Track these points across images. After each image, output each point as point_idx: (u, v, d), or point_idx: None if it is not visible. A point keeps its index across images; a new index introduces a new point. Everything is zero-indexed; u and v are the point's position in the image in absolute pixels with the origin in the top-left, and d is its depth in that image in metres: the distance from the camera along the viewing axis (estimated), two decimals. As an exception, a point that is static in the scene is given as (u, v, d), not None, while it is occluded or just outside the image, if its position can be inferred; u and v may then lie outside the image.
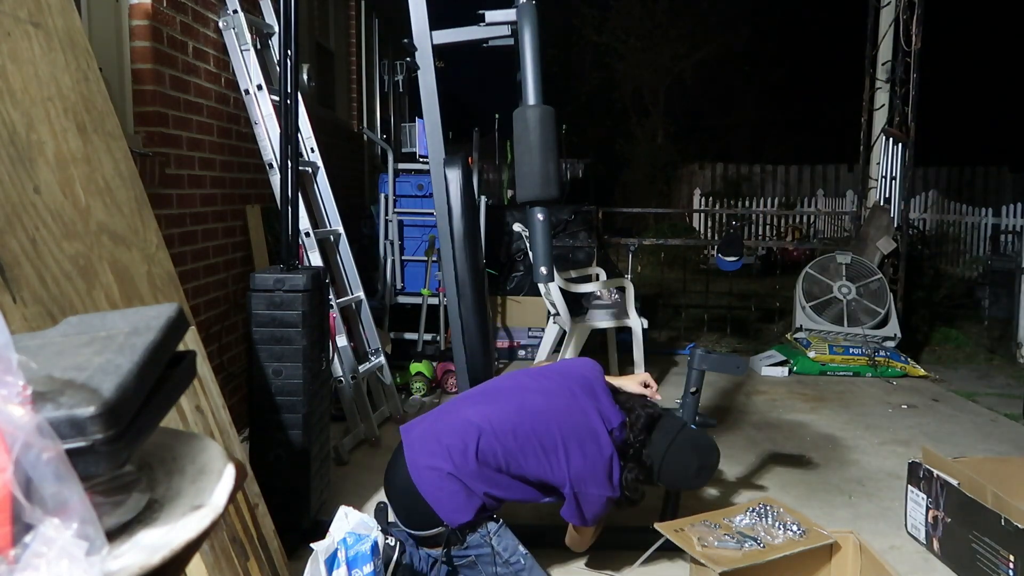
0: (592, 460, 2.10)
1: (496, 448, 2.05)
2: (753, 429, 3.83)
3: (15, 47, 1.66)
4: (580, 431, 2.12)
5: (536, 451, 2.07)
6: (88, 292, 1.67)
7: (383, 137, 6.33)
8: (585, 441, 2.11)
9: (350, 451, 3.33)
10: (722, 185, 14.24)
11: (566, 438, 2.10)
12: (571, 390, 2.22)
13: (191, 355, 0.87)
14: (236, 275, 3.43)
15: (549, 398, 2.19)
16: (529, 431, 2.09)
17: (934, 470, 2.50)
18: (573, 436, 2.11)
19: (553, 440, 2.09)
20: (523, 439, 2.07)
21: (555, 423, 2.11)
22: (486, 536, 2.05)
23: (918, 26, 5.41)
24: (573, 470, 2.08)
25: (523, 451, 2.07)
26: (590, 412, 2.17)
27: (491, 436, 2.06)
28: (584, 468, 2.09)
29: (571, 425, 2.12)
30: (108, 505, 0.69)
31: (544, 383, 2.26)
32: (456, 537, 2.05)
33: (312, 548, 1.82)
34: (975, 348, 5.77)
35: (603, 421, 2.17)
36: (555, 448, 2.08)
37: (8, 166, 1.54)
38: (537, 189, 2.45)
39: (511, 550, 2.06)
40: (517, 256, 5.36)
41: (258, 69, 3.31)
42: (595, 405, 2.20)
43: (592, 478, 2.10)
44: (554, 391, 2.22)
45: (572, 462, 2.08)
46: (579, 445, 2.10)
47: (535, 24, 2.51)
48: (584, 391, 2.22)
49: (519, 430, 2.08)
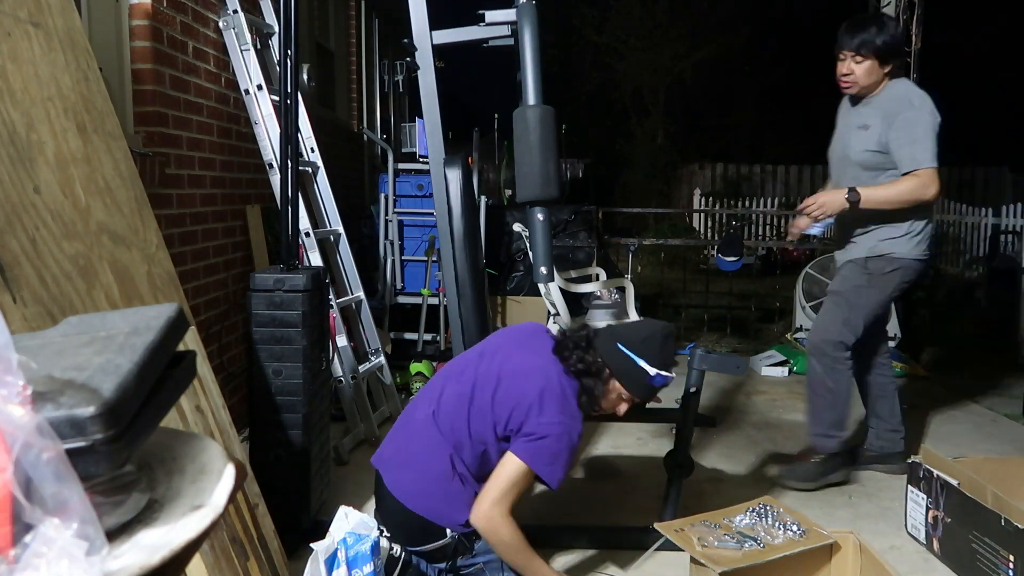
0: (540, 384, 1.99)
1: (454, 418, 2.01)
2: (753, 429, 3.83)
3: (15, 47, 1.66)
4: (524, 368, 2.04)
5: (489, 400, 2.00)
6: (88, 292, 1.67)
7: (383, 137, 6.33)
8: (531, 374, 2.02)
9: (350, 451, 3.33)
10: (722, 185, 14.24)
11: (510, 378, 2.02)
12: (510, 343, 2.17)
13: (191, 355, 0.87)
14: (236, 275, 3.43)
15: (490, 356, 2.12)
16: (476, 390, 2.02)
17: (934, 470, 2.50)
18: (519, 374, 2.03)
19: (500, 386, 2.01)
20: (473, 398, 2.01)
21: (501, 370, 2.05)
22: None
23: (918, 26, 5.41)
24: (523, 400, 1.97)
25: (479, 404, 2.00)
26: (531, 351, 2.11)
27: (446, 413, 2.02)
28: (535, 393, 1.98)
29: (514, 367, 2.05)
30: (108, 505, 0.69)
31: (484, 350, 2.19)
32: (464, 545, 2.02)
33: (312, 548, 1.82)
34: (975, 348, 5.77)
35: (546, 354, 2.09)
36: (503, 391, 2.00)
37: (8, 166, 1.54)
38: (537, 189, 2.46)
39: None
40: (517, 256, 5.35)
41: (258, 69, 3.31)
42: (537, 345, 2.13)
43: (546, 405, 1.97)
44: (493, 349, 2.16)
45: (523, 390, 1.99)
46: (524, 378, 2.01)
47: (535, 24, 2.51)
48: (526, 340, 2.18)
49: (466, 394, 2.03)
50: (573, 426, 1.98)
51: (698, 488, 3.01)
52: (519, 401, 1.98)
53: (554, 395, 1.99)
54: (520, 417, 1.97)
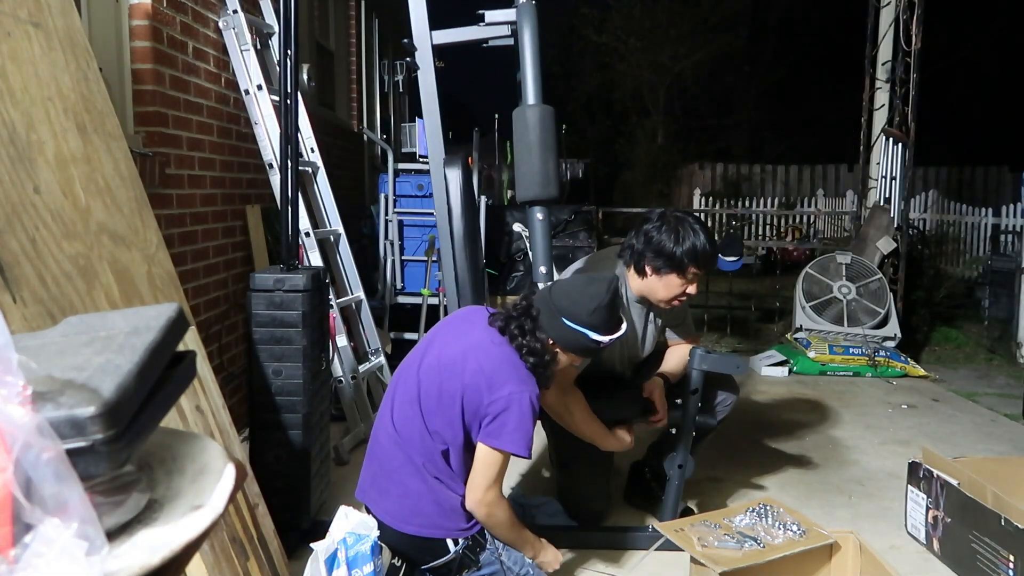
0: (489, 360, 1.92)
1: (411, 428, 1.96)
2: (753, 429, 3.83)
3: (15, 47, 1.66)
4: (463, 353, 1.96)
5: (435, 401, 1.94)
6: (88, 292, 1.67)
7: (383, 137, 6.33)
8: (468, 355, 1.95)
9: (350, 451, 3.33)
10: (722, 185, 14.24)
11: (452, 367, 1.95)
12: (446, 333, 2.10)
13: (191, 355, 0.87)
14: (236, 275, 3.43)
15: (426, 352, 2.05)
16: (423, 386, 1.97)
17: (934, 470, 2.50)
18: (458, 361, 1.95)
19: (441, 376, 1.95)
20: (421, 400, 1.96)
21: (440, 365, 1.98)
22: (496, 552, 2.03)
23: (918, 26, 5.41)
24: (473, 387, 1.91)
25: (428, 410, 1.95)
26: (468, 332, 2.04)
27: (402, 424, 1.97)
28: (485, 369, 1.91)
29: (453, 354, 1.97)
30: (108, 505, 0.69)
31: (421, 347, 2.12)
32: (469, 558, 2.02)
33: (312, 548, 1.82)
34: (975, 348, 5.77)
35: (482, 328, 2.02)
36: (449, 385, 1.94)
37: (8, 166, 1.54)
38: (537, 189, 2.45)
39: (520, 563, 2.05)
40: (517, 256, 5.35)
41: (258, 69, 3.31)
42: (472, 325, 2.07)
43: (496, 375, 1.90)
44: (429, 343, 2.09)
45: (471, 380, 1.92)
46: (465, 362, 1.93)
47: (535, 24, 2.51)
48: (460, 323, 2.12)
49: (414, 397, 1.97)
50: (526, 390, 1.90)
51: (698, 488, 3.01)
52: (466, 386, 1.91)
53: (498, 366, 1.92)
54: (473, 402, 1.91)
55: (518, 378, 1.91)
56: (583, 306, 1.95)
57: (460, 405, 1.93)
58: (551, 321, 1.96)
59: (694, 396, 2.47)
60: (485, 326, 2.03)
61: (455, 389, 1.93)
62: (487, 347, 1.96)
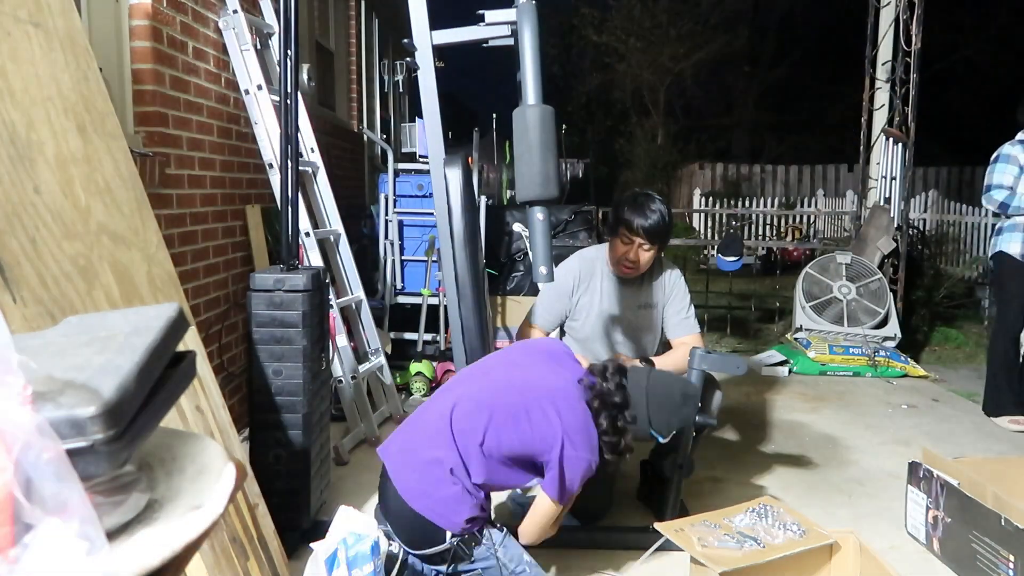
0: (567, 419, 2.01)
1: (468, 433, 2.00)
2: (753, 429, 3.83)
3: (15, 47, 1.66)
4: (551, 393, 2.05)
5: (509, 422, 2.01)
6: (88, 292, 1.67)
7: (383, 137, 6.33)
8: (557, 400, 2.03)
9: (350, 451, 3.33)
10: (722, 185, 14.24)
11: (537, 401, 2.03)
12: (534, 360, 2.19)
13: (191, 355, 0.87)
14: (236, 275, 3.43)
15: (511, 370, 2.15)
16: (497, 403, 2.03)
17: (934, 470, 2.50)
18: (544, 398, 2.04)
19: (525, 405, 2.02)
20: (492, 412, 2.01)
21: (524, 389, 2.07)
22: (492, 548, 2.03)
23: (918, 26, 5.41)
24: (549, 430, 2.00)
25: (496, 425, 2.00)
26: (558, 373, 2.13)
27: (460, 423, 2.01)
28: (566, 428, 2.00)
29: (540, 390, 2.06)
30: (108, 505, 0.69)
31: (505, 358, 2.24)
32: (463, 551, 2.02)
33: (312, 548, 1.82)
34: (975, 348, 5.76)
35: (572, 380, 2.11)
36: (528, 413, 2.01)
37: (8, 166, 1.54)
38: (537, 189, 2.45)
39: (516, 560, 2.04)
40: (517, 256, 5.35)
41: (258, 69, 3.31)
42: (562, 368, 2.16)
43: (575, 438, 2.00)
44: (516, 364, 2.19)
45: (550, 422, 2.00)
46: (552, 404, 2.02)
47: (535, 24, 2.50)
48: (548, 360, 2.20)
49: (485, 406, 2.03)
50: (592, 460, 2.04)
51: (698, 488, 3.01)
52: (543, 434, 2.00)
53: (579, 427, 2.03)
54: (544, 443, 2.01)
55: (591, 447, 2.03)
56: (669, 423, 2.16)
57: (530, 435, 2.01)
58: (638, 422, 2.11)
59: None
60: (575, 376, 2.13)
61: (535, 422, 2.01)
62: (573, 401, 2.06)
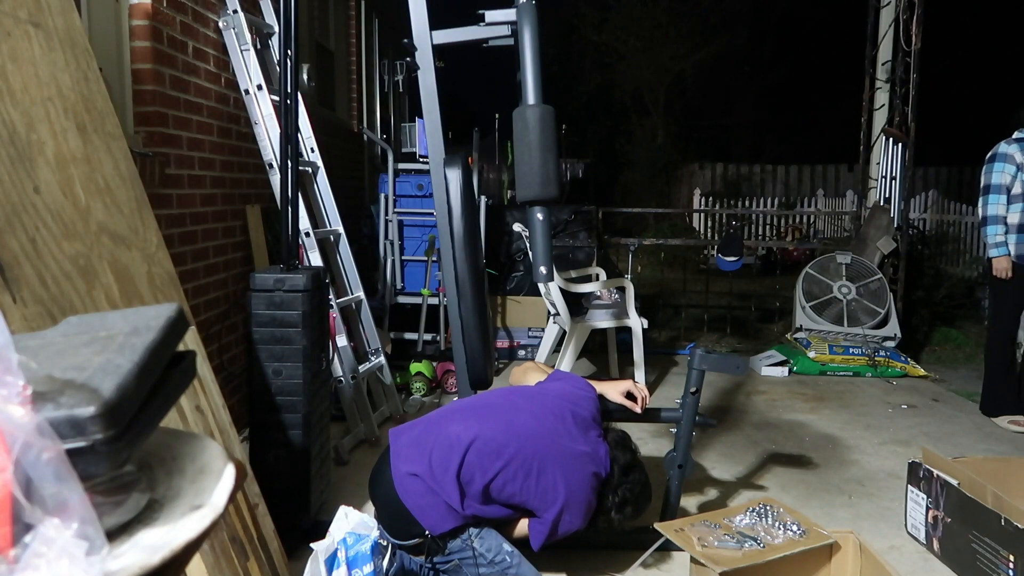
0: (574, 490, 2.08)
1: (478, 471, 2.02)
2: (753, 429, 3.83)
3: (15, 47, 1.66)
4: (567, 459, 2.08)
5: (519, 474, 2.03)
6: (88, 292, 1.67)
7: (383, 137, 6.33)
8: (569, 471, 2.08)
9: (350, 451, 3.33)
10: (722, 185, 14.24)
11: (552, 464, 2.06)
12: (562, 415, 2.18)
13: (191, 355, 0.87)
14: (236, 275, 3.43)
15: (539, 420, 2.14)
16: (515, 453, 2.04)
17: (934, 470, 2.50)
18: (559, 463, 2.07)
19: (540, 465, 2.05)
20: (508, 461, 2.03)
21: (543, 447, 2.07)
22: (468, 540, 2.04)
23: (918, 26, 5.41)
24: (553, 495, 2.05)
25: (506, 474, 2.02)
26: (578, 441, 2.14)
27: (475, 457, 2.02)
28: (565, 496, 2.06)
29: (558, 452, 2.08)
30: (108, 505, 0.69)
31: (536, 405, 2.21)
32: (437, 546, 2.04)
33: (312, 548, 1.82)
34: (975, 348, 5.76)
35: (591, 454, 2.15)
36: (540, 473, 2.04)
37: (8, 166, 1.54)
38: (537, 189, 2.45)
39: (495, 549, 2.05)
40: (517, 256, 5.36)
41: (258, 69, 3.31)
42: (584, 436, 2.17)
43: (570, 506, 2.07)
44: (545, 414, 2.17)
45: (556, 489, 2.05)
46: (563, 473, 2.06)
47: (535, 24, 2.50)
48: (575, 419, 2.19)
49: (504, 451, 2.03)
50: (582, 526, 2.14)
51: (698, 488, 3.01)
52: (546, 497, 2.07)
53: (581, 503, 2.10)
54: (541, 508, 2.08)
55: (584, 516, 2.13)
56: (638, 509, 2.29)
57: (534, 492, 2.06)
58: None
59: (694, 396, 2.47)
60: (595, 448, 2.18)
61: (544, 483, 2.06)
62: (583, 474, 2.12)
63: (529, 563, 2.08)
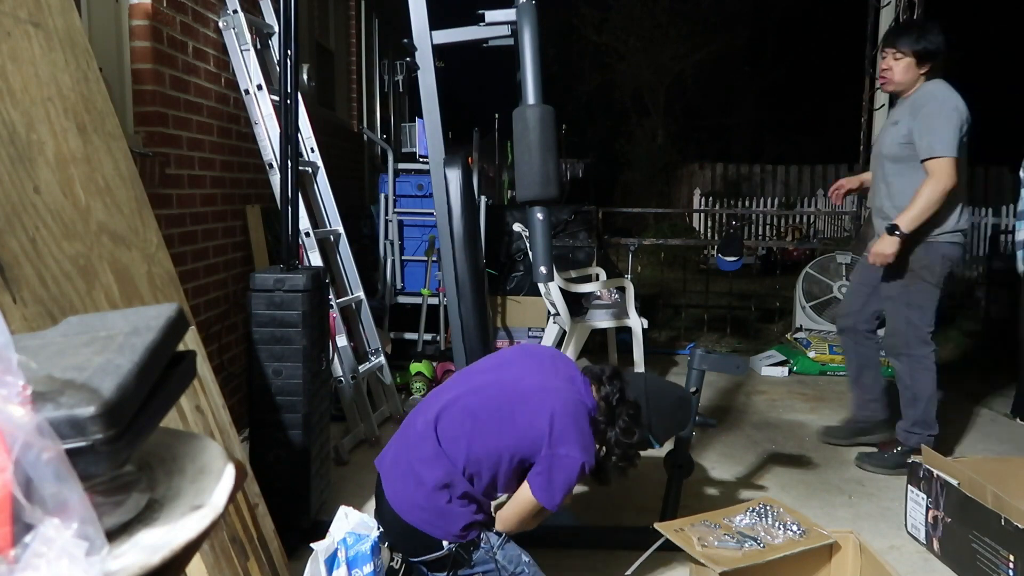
0: (558, 414, 1.97)
1: (453, 434, 1.97)
2: (753, 429, 3.83)
3: (15, 47, 1.66)
4: (546, 392, 2.01)
5: (493, 423, 1.97)
6: (88, 292, 1.67)
7: (383, 137, 6.33)
8: (550, 399, 1.99)
9: (350, 451, 3.33)
10: (722, 185, 14.24)
11: (524, 400, 2.00)
12: (528, 360, 2.16)
13: (191, 355, 0.87)
14: (236, 275, 3.43)
15: (500, 370, 2.12)
16: (481, 405, 2.00)
17: (934, 470, 2.50)
18: (539, 396, 2.00)
19: (510, 406, 1.99)
20: (476, 414, 1.98)
21: (510, 389, 2.03)
22: (490, 551, 2.02)
23: (918, 26, 5.41)
24: (536, 430, 1.95)
25: (480, 427, 1.97)
26: (552, 373, 2.09)
27: (446, 425, 1.98)
28: (553, 425, 1.95)
29: (534, 386, 2.03)
30: (108, 505, 0.69)
31: (499, 358, 2.22)
32: (462, 557, 2.01)
33: (312, 548, 1.82)
34: (975, 348, 5.76)
35: (568, 379, 2.08)
36: (511, 414, 1.98)
37: (8, 166, 1.54)
38: (537, 189, 2.45)
39: (515, 561, 2.03)
40: (517, 256, 5.35)
41: (258, 69, 3.31)
42: (557, 368, 2.12)
43: (563, 435, 1.95)
44: (509, 362, 2.16)
45: (535, 422, 1.96)
46: (539, 403, 1.98)
47: (535, 24, 2.51)
48: (546, 358, 2.17)
49: (471, 407, 2.00)
50: (585, 460, 1.96)
51: (698, 488, 3.01)
52: (530, 434, 1.95)
53: (570, 423, 1.96)
54: (531, 451, 1.96)
55: (583, 445, 1.97)
56: (668, 429, 2.23)
57: (516, 436, 1.97)
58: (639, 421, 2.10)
59: (694, 396, 2.47)
60: (571, 375, 2.11)
61: (521, 421, 1.97)
62: (566, 399, 2.01)
63: (543, 573, 2.07)
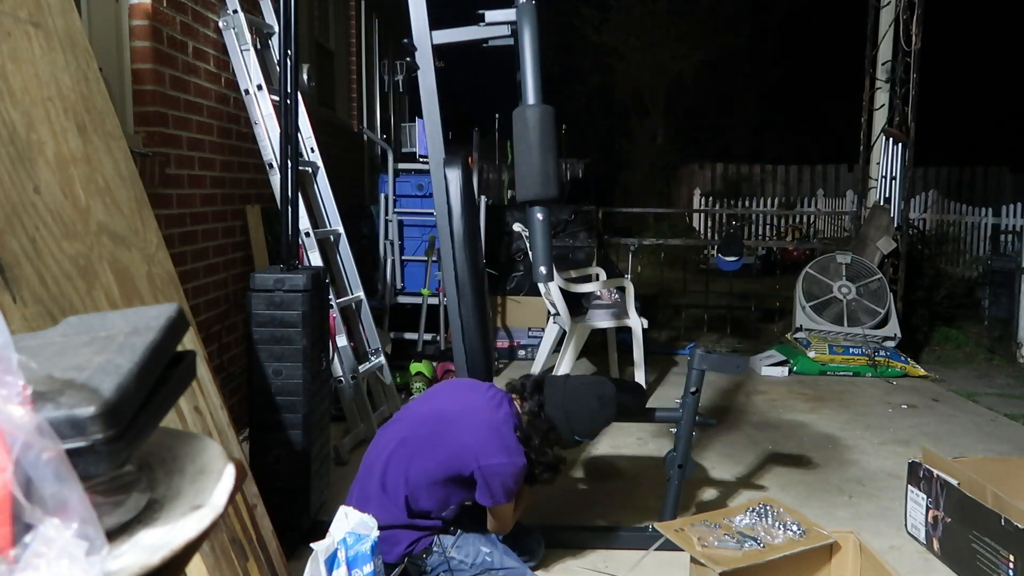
0: (481, 430, 2.10)
1: (396, 468, 2.11)
2: (753, 429, 3.83)
3: (15, 47, 1.66)
4: (466, 414, 2.15)
5: (426, 449, 2.10)
6: (88, 292, 1.67)
7: (383, 137, 6.33)
8: (471, 418, 2.13)
9: (350, 451, 3.33)
10: (722, 185, 14.24)
11: (451, 423, 2.13)
12: (455, 388, 2.33)
13: (191, 355, 0.87)
14: (236, 275, 3.42)
15: (431, 402, 2.28)
16: (414, 436, 2.13)
17: (934, 470, 2.50)
18: (460, 419, 2.14)
19: (438, 431, 2.12)
20: (412, 445, 2.12)
21: (437, 417, 2.17)
22: (443, 553, 2.07)
23: (918, 26, 5.41)
24: (463, 447, 2.08)
25: (416, 456, 2.10)
26: (473, 396, 2.22)
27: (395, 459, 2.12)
28: (475, 441, 2.08)
29: (455, 411, 2.17)
30: (108, 505, 0.69)
31: (431, 394, 2.38)
32: (416, 567, 2.06)
33: (312, 548, 1.82)
34: (975, 348, 5.76)
35: (489, 398, 2.20)
36: (439, 437, 2.11)
37: (8, 166, 1.54)
38: (537, 189, 2.45)
39: (473, 553, 2.08)
40: (517, 256, 5.36)
41: (258, 69, 3.31)
42: (477, 390, 2.26)
43: (485, 447, 2.07)
44: (437, 394, 2.33)
45: (462, 439, 2.09)
46: (467, 424, 2.12)
47: (535, 24, 2.50)
48: (469, 386, 2.31)
49: (407, 439, 2.14)
50: (516, 461, 2.09)
51: (698, 488, 3.01)
52: (456, 453, 2.07)
53: (490, 439, 2.08)
54: (462, 468, 2.07)
55: (507, 449, 2.09)
56: (592, 428, 2.24)
57: (447, 455, 2.08)
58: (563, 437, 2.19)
59: (694, 396, 2.47)
60: (491, 394, 2.22)
61: (450, 442, 2.09)
62: (483, 414, 2.14)
63: (512, 553, 2.10)
